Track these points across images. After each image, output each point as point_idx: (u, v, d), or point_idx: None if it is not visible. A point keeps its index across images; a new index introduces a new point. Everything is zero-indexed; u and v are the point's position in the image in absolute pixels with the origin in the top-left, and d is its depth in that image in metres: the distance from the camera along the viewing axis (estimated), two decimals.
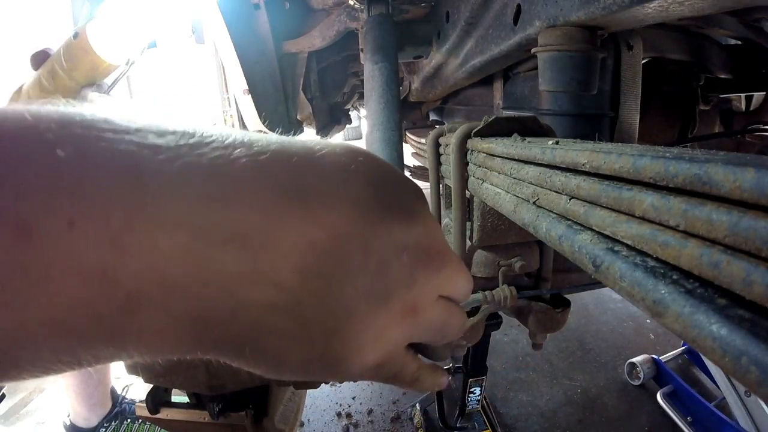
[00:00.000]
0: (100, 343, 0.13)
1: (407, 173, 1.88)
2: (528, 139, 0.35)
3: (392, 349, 0.19)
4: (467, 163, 0.45)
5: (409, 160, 2.04)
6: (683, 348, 1.55)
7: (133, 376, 0.70)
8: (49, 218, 0.11)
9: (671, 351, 1.55)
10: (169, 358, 0.15)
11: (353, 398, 1.45)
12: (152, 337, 0.13)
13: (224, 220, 0.13)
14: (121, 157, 0.12)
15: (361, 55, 0.75)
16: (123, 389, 1.36)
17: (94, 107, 0.14)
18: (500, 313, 0.58)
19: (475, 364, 0.93)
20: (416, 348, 0.24)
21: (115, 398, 1.31)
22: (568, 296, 0.57)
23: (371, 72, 0.67)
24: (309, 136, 1.55)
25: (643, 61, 0.58)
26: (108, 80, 0.67)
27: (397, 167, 0.21)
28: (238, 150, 0.14)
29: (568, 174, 0.24)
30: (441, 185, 0.59)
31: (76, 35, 0.59)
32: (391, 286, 0.17)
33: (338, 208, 0.16)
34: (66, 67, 0.61)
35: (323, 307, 0.15)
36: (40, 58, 0.63)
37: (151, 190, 0.12)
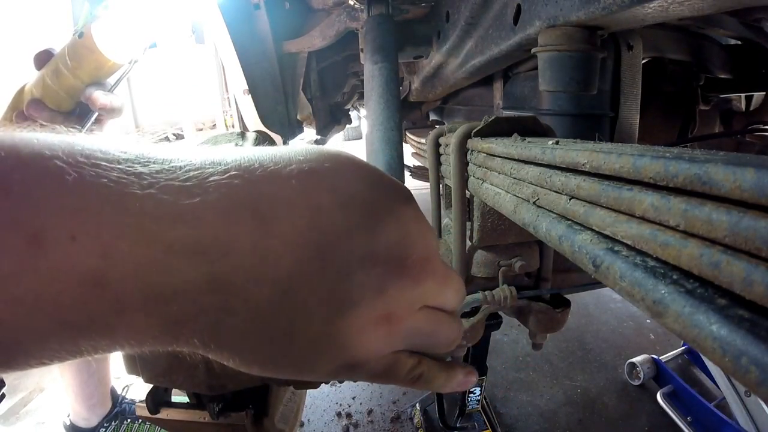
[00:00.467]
0: (97, 336, 0.15)
1: (407, 173, 1.89)
2: (528, 139, 0.35)
3: (365, 355, 0.19)
4: (467, 163, 0.45)
5: (409, 160, 2.04)
6: (683, 348, 1.55)
7: (133, 376, 0.70)
8: (57, 232, 0.13)
9: (671, 351, 1.55)
10: (156, 350, 0.16)
11: (353, 398, 1.45)
12: (137, 333, 0.15)
13: (186, 236, 0.15)
14: (112, 184, 0.14)
15: (361, 55, 0.75)
16: (123, 389, 1.36)
17: (91, 137, 0.16)
18: (500, 313, 0.58)
19: (475, 364, 0.93)
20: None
21: (115, 398, 1.31)
22: (568, 296, 0.57)
23: (371, 72, 0.67)
24: (309, 136, 1.55)
25: (643, 61, 0.58)
26: (111, 79, 0.67)
27: (381, 170, 0.20)
28: (208, 170, 0.16)
29: (568, 174, 0.24)
30: (441, 185, 0.59)
31: (81, 35, 0.59)
32: (354, 295, 0.17)
33: (292, 218, 0.17)
34: (70, 66, 0.60)
35: (279, 312, 0.16)
36: (43, 58, 0.63)
37: (133, 213, 0.14)
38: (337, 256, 0.17)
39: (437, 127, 0.56)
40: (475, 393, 1.02)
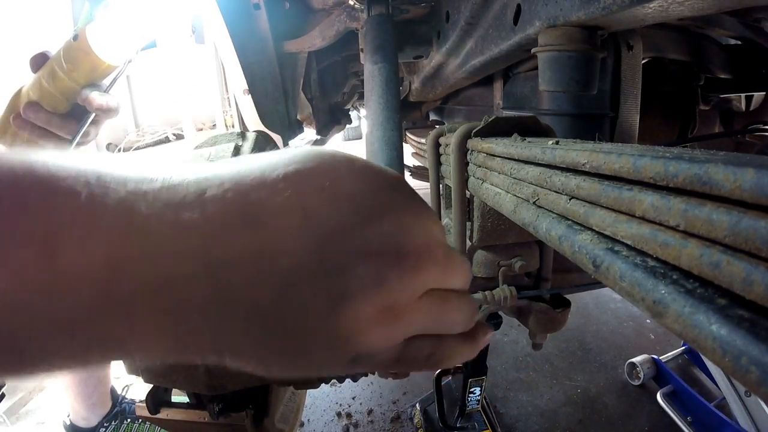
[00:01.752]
0: (107, 350, 0.16)
1: (407, 173, 1.88)
2: (528, 139, 0.35)
3: (370, 346, 0.19)
4: (467, 163, 0.45)
5: (409, 160, 2.04)
6: (683, 348, 1.55)
7: (133, 376, 0.70)
8: (70, 245, 0.14)
9: (671, 351, 1.55)
10: (168, 360, 0.17)
11: (353, 398, 1.45)
12: (149, 345, 0.16)
13: (188, 250, 0.16)
14: (120, 202, 0.16)
15: (361, 55, 0.75)
16: (123, 389, 1.36)
17: (98, 158, 0.17)
18: (500, 313, 0.58)
19: (475, 364, 0.93)
20: None
21: (115, 398, 1.31)
22: (568, 296, 0.57)
23: (371, 72, 0.67)
24: (309, 136, 1.55)
25: (643, 61, 0.58)
26: (106, 80, 0.67)
27: (371, 163, 0.21)
28: (204, 185, 0.17)
29: (568, 174, 0.24)
30: (441, 185, 0.59)
31: (75, 37, 0.59)
32: (352, 288, 0.18)
33: (283, 220, 0.17)
34: (66, 69, 0.60)
35: (281, 310, 0.17)
36: (39, 61, 0.63)
37: (140, 229, 0.16)
38: (332, 252, 0.17)
39: (437, 127, 0.56)
40: (475, 393, 1.02)
